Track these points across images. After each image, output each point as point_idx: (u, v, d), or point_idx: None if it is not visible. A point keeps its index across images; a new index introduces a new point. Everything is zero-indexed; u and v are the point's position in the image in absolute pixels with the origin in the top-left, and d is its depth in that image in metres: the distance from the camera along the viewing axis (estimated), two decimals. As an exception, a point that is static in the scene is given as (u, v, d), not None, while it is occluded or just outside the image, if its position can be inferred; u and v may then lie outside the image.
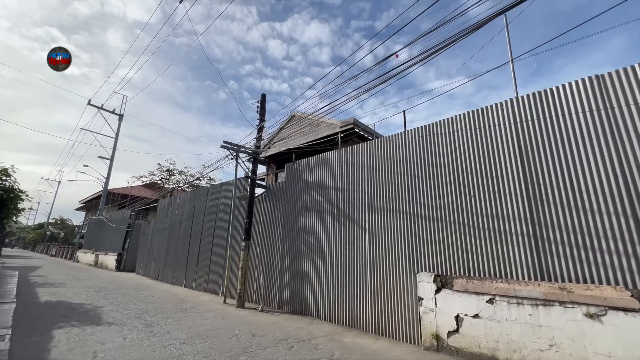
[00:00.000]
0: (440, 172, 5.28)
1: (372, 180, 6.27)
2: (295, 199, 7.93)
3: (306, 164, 7.95)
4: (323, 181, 7.33)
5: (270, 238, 8.33)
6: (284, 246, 7.86)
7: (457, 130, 5.21)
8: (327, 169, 7.34)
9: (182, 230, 12.54)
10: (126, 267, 17.55)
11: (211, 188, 11.52)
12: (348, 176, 6.79)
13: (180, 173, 27.77)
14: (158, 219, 15.12)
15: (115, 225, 19.27)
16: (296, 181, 8.08)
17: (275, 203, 8.58)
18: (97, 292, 9.20)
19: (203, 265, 10.62)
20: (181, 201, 13.44)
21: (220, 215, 10.53)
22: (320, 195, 7.31)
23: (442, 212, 5.10)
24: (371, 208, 6.15)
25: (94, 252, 21.78)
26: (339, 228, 6.66)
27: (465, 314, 4.32)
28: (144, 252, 15.72)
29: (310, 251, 7.13)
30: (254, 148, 8.90)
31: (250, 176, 8.61)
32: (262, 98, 9.62)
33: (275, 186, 8.79)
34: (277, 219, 8.30)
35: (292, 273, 7.42)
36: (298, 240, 7.52)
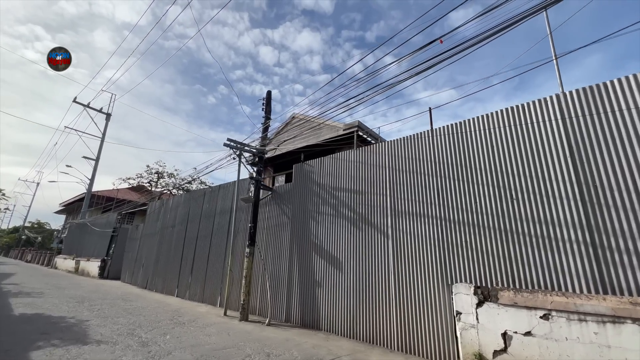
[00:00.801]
0: (475, 173, 4.85)
1: (395, 182, 5.80)
2: (305, 202, 7.36)
3: (317, 164, 7.42)
4: (337, 183, 6.81)
5: (277, 244, 7.71)
6: (292, 253, 7.26)
7: (495, 128, 4.81)
8: (341, 170, 6.83)
9: (175, 235, 11.71)
10: (110, 274, 16.41)
11: (208, 190, 10.80)
12: (366, 178, 6.29)
13: (170, 176, 26.73)
14: (147, 223, 14.19)
15: (99, 230, 18.09)
16: (305, 183, 7.53)
17: (281, 206, 7.98)
18: (80, 303, 8.30)
19: (199, 273, 9.84)
20: (174, 204, 12.62)
21: (219, 219, 9.83)
22: (334, 198, 6.78)
23: (479, 217, 4.65)
24: (394, 212, 5.66)
25: (74, 258, 20.42)
26: (356, 234, 6.13)
27: (514, 331, 3.84)
28: (131, 258, 14.70)
29: (324, 259, 6.56)
30: (259, 147, 8.32)
31: (256, 177, 8.00)
32: (268, 95, 9.09)
33: (281, 188, 8.21)
34: (284, 223, 7.70)
35: (302, 283, 6.81)
36: (309, 246, 6.94)
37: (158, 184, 26.55)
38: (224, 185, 10.22)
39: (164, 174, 26.40)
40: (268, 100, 9.03)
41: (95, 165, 24.44)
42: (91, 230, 19.75)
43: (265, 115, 8.86)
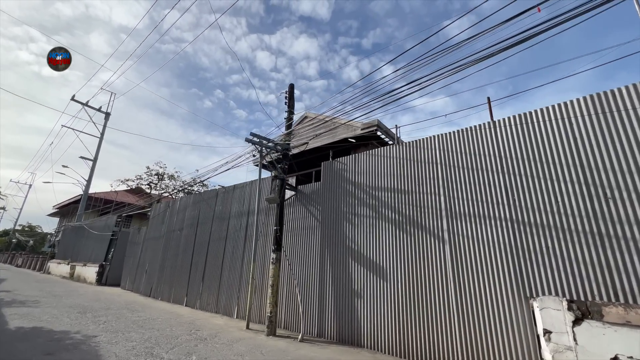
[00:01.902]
0: (554, 169, 4.24)
1: (450, 180, 5.17)
2: (338, 203, 6.69)
3: (350, 162, 6.77)
4: (376, 181, 6.16)
5: (305, 249, 7.00)
6: (323, 259, 6.56)
7: (577, 117, 4.22)
8: (380, 167, 6.19)
9: (183, 239, 10.91)
10: (109, 280, 15.47)
11: (222, 191, 10.07)
12: (412, 175, 5.66)
13: (171, 178, 25.86)
14: (151, 226, 13.36)
15: (97, 233, 17.15)
16: (337, 182, 6.87)
17: (309, 207, 7.30)
18: (83, 314, 7.47)
19: (211, 280, 9.06)
20: (181, 206, 11.84)
21: (234, 222, 9.09)
22: (373, 197, 6.12)
23: (562, 219, 4.03)
24: (450, 214, 5.02)
25: (69, 262, 19.38)
26: (403, 238, 5.47)
27: (629, 356, 3.20)
28: (132, 263, 13.81)
29: (363, 266, 5.88)
30: (282, 143, 7.65)
31: (280, 176, 7.32)
32: (291, 88, 8.47)
33: (308, 188, 7.52)
34: (313, 226, 7.01)
35: (337, 292, 6.10)
36: (344, 251, 6.25)
37: (158, 186, 25.65)
38: (239, 186, 9.51)
39: (165, 176, 25.53)
40: (291, 93, 8.41)
41: (92, 165, 23.48)
42: (88, 233, 18.77)
43: (289, 109, 8.23)
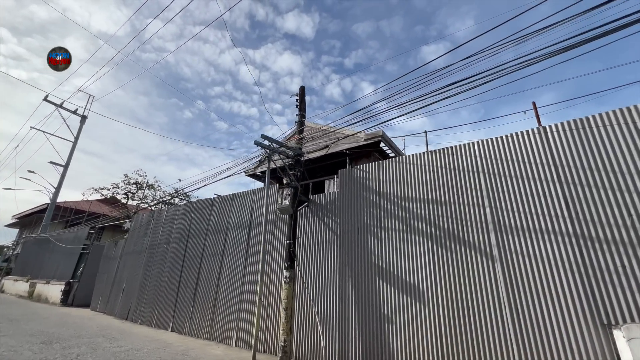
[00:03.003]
0: (623, 179, 3.84)
1: (496, 190, 4.68)
2: (359, 214, 6.04)
3: (373, 169, 6.19)
4: (406, 191, 5.59)
5: (320, 266, 6.23)
6: (344, 278, 5.81)
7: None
8: (411, 175, 5.64)
9: (171, 253, 9.76)
10: (76, 300, 13.68)
11: (218, 200, 9.14)
12: (451, 184, 5.14)
13: (150, 187, 24.20)
14: (131, 239, 12.01)
15: (66, 246, 15.34)
16: (358, 191, 6.24)
17: (324, 219, 6.58)
18: (48, 345, 6.21)
19: (205, 302, 7.98)
20: (169, 217, 10.70)
21: (233, 234, 8.17)
22: (402, 209, 5.52)
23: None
24: (499, 227, 4.50)
25: (28, 279, 17.18)
26: (442, 254, 4.87)
27: None
28: (106, 281, 12.28)
29: (394, 286, 5.19)
30: (295, 147, 6.98)
31: (293, 183, 6.60)
32: (302, 91, 7.90)
33: (322, 198, 6.83)
34: (330, 240, 6.28)
35: (363, 317, 5.35)
36: (369, 270, 5.55)
37: (136, 196, 23.87)
38: (239, 195, 8.64)
39: (144, 185, 23.84)
40: (302, 96, 7.83)
41: (63, 172, 21.51)
42: (54, 247, 16.82)
43: (300, 112, 7.63)
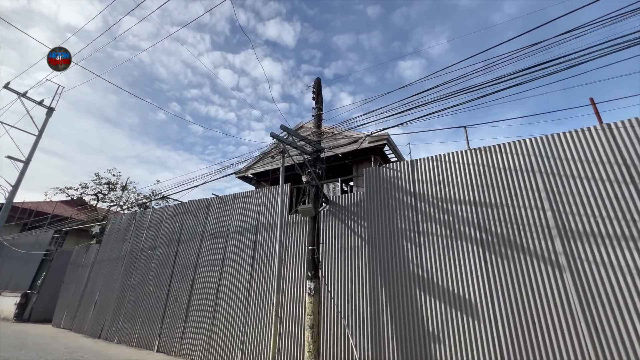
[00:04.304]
0: None
1: (558, 192, 4.24)
2: (391, 218, 5.41)
3: (404, 168, 5.62)
4: (447, 192, 5.05)
5: (347, 276, 5.49)
6: (376, 289, 5.11)
7: None
8: (452, 175, 5.12)
9: (157, 260, 8.57)
10: (34, 314, 11.84)
11: (215, 201, 8.16)
12: (502, 185, 4.65)
13: (124, 189, 22.22)
14: (106, 244, 10.58)
15: (24, 252, 13.38)
16: (388, 192, 5.63)
17: (347, 223, 5.88)
18: (5, 375, 4.95)
19: (200, 316, 6.93)
20: (154, 219, 9.50)
21: (236, 240, 7.23)
22: (444, 212, 4.96)
23: None
24: (565, 233, 4.03)
25: (-26, 290, 14.83)
26: (497, 262, 4.33)
27: None
28: (74, 292, 10.68)
29: (439, 299, 4.57)
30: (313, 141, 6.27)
31: (314, 182, 5.86)
32: (317, 82, 7.24)
33: (345, 199, 6.14)
34: (357, 246, 5.58)
35: (401, 335, 4.66)
36: (407, 280, 4.90)
37: (107, 198, 21.80)
38: (241, 195, 7.74)
39: (117, 186, 21.86)
40: (318, 88, 7.16)
41: (23, 168, 19.07)
42: (8, 252, 14.68)
43: (317, 105, 6.95)
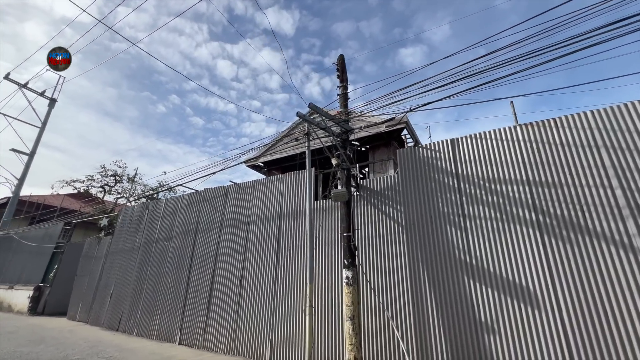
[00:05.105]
0: None
1: (629, 169, 3.81)
2: (432, 201, 5.01)
3: (444, 148, 5.19)
4: (495, 172, 4.63)
5: (384, 264, 5.15)
6: (417, 277, 4.76)
7: None
8: (500, 153, 4.69)
9: (174, 251, 8.28)
10: (49, 308, 11.70)
11: (233, 188, 7.79)
12: (559, 163, 4.23)
13: (131, 180, 21.93)
14: (119, 235, 10.31)
15: (35, 245, 13.18)
16: (426, 173, 5.22)
17: (381, 208, 5.51)
18: (27, 372, 4.70)
19: (223, 308, 6.66)
20: (168, 209, 9.17)
21: (257, 228, 6.89)
22: (493, 193, 4.56)
23: None
24: (639, 213, 3.63)
25: (-14, 284, 14.75)
26: (558, 247, 3.95)
27: None
28: (88, 285, 10.48)
29: (491, 287, 4.22)
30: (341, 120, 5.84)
31: (345, 165, 5.46)
32: (341, 59, 6.74)
33: (377, 183, 5.74)
34: (394, 232, 5.22)
35: (448, 325, 4.33)
36: (453, 267, 4.54)
37: (114, 190, 21.54)
38: (261, 182, 7.37)
39: (124, 178, 21.56)
40: (342, 65, 6.67)
41: (28, 161, 18.90)
42: (17, 246, 14.51)
43: (342, 83, 6.49)
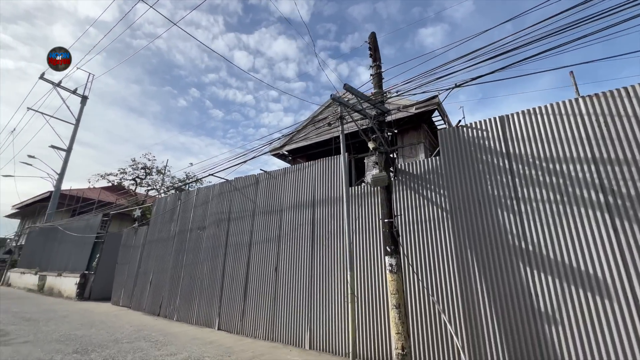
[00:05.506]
0: None
1: None
2: (480, 184, 4.69)
3: (493, 126, 4.80)
4: (553, 150, 4.23)
5: (428, 251, 4.92)
6: (465, 265, 4.52)
7: None
8: (558, 129, 4.27)
9: (208, 240, 8.44)
10: (94, 293, 12.47)
11: (264, 177, 7.75)
12: (632, 137, 3.78)
13: (159, 173, 22.67)
14: (154, 226, 10.67)
15: (78, 235, 13.99)
16: (472, 154, 4.87)
17: (422, 192, 5.24)
18: (85, 355, 4.95)
19: (259, 295, 6.73)
20: (200, 199, 9.34)
21: (290, 216, 6.83)
22: (551, 173, 4.18)
23: None
24: None
25: (37, 272, 15.93)
26: (632, 231, 3.56)
27: None
28: (129, 272, 11.02)
29: (551, 274, 3.90)
30: (376, 101, 5.55)
31: (383, 148, 5.21)
32: (373, 37, 6.38)
33: (416, 166, 5.46)
34: (437, 217, 4.96)
35: (502, 315, 4.08)
36: (507, 254, 4.25)
37: (144, 182, 22.38)
38: (292, 169, 7.26)
39: (153, 170, 22.32)
40: (374, 43, 6.30)
41: (66, 156, 19.97)
42: (62, 236, 15.49)
43: (375, 62, 6.14)
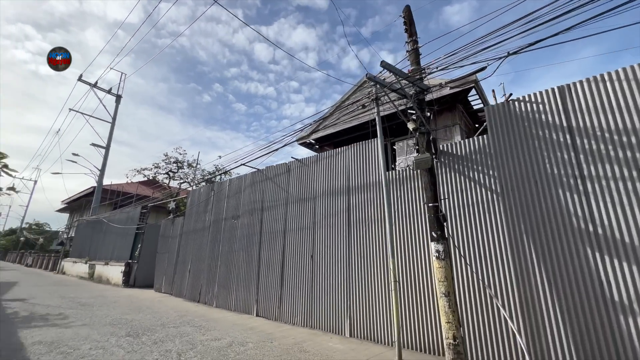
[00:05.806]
0: None
1: None
2: (535, 162, 4.27)
3: (550, 99, 4.32)
4: (625, 121, 3.73)
5: (476, 237, 4.61)
6: (521, 251, 4.17)
7: None
8: (630, 97, 3.75)
9: (242, 229, 8.58)
10: (138, 281, 13.26)
11: (296, 165, 7.67)
12: None
13: (190, 166, 23.45)
14: (190, 216, 11.04)
15: (121, 227, 14.87)
16: (526, 130, 4.44)
17: (467, 174, 4.89)
18: (136, 338, 5.20)
19: (296, 283, 6.74)
20: (232, 189, 9.48)
21: (324, 203, 6.71)
22: (624, 147, 3.69)
23: None
24: None
25: (87, 261, 17.21)
26: None
27: None
28: (168, 261, 11.55)
29: (625, 260, 3.49)
30: (415, 78, 5.20)
31: (424, 129, 4.89)
32: (407, 10, 5.95)
33: (460, 147, 5.09)
34: (485, 200, 4.61)
35: (566, 304, 3.73)
36: (570, 238, 3.85)
37: (177, 176, 23.27)
38: (324, 156, 7.10)
39: (184, 164, 23.13)
40: (409, 17, 5.88)
41: (105, 153, 21.16)
42: (107, 228, 16.55)
43: (410, 37, 5.74)
